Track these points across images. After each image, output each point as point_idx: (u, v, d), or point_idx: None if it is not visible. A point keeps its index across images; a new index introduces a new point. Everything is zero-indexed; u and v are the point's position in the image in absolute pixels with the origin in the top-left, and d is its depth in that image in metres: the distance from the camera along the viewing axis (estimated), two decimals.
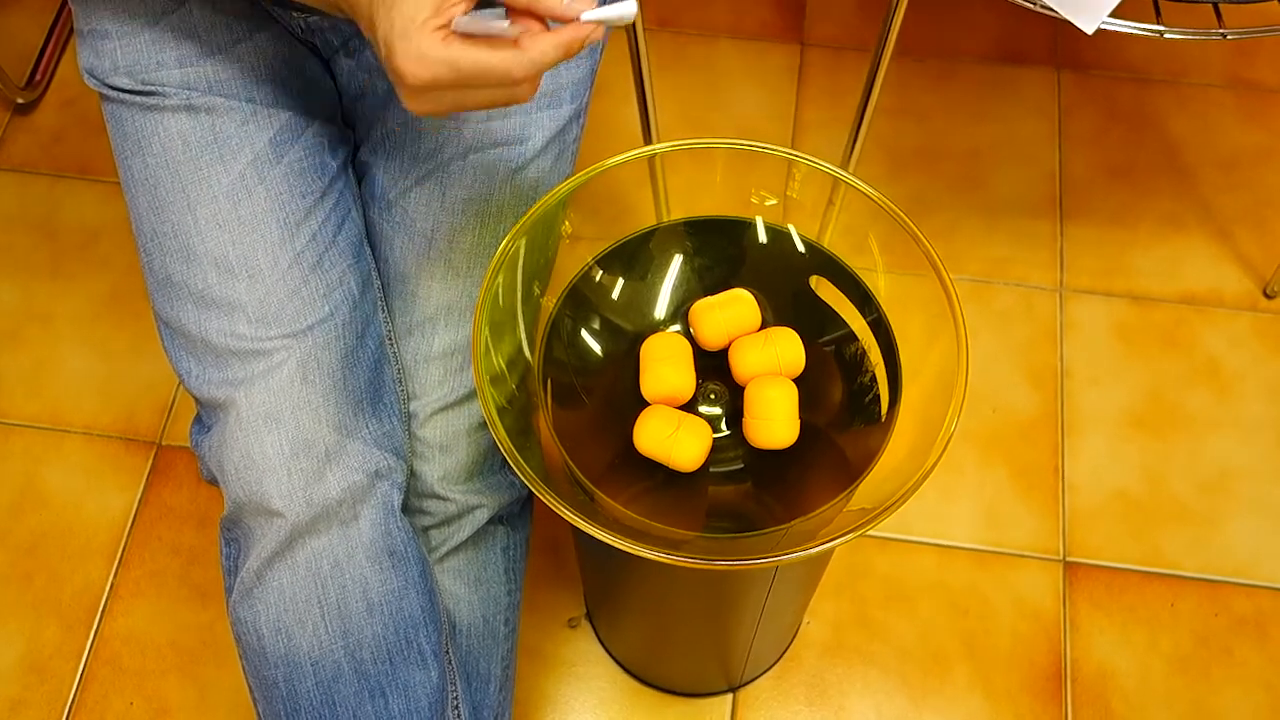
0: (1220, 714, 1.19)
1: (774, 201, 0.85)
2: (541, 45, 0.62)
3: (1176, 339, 1.41)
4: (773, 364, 0.77)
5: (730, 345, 0.79)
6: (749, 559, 0.71)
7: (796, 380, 0.78)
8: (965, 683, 1.21)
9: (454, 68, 0.62)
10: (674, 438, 0.74)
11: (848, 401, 0.80)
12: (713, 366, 0.80)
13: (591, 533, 0.68)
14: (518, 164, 0.88)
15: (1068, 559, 1.27)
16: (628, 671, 1.21)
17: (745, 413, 0.76)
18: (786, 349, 0.78)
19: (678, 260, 0.86)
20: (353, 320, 0.85)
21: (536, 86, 0.65)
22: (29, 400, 1.38)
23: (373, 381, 0.86)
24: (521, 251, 0.81)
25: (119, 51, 0.85)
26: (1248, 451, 1.33)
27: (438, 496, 0.89)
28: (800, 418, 0.76)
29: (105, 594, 1.26)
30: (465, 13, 0.63)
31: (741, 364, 0.78)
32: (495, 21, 0.63)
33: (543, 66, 0.63)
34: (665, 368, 0.77)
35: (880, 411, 0.79)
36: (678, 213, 0.87)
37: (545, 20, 0.64)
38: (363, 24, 0.66)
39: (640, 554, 0.67)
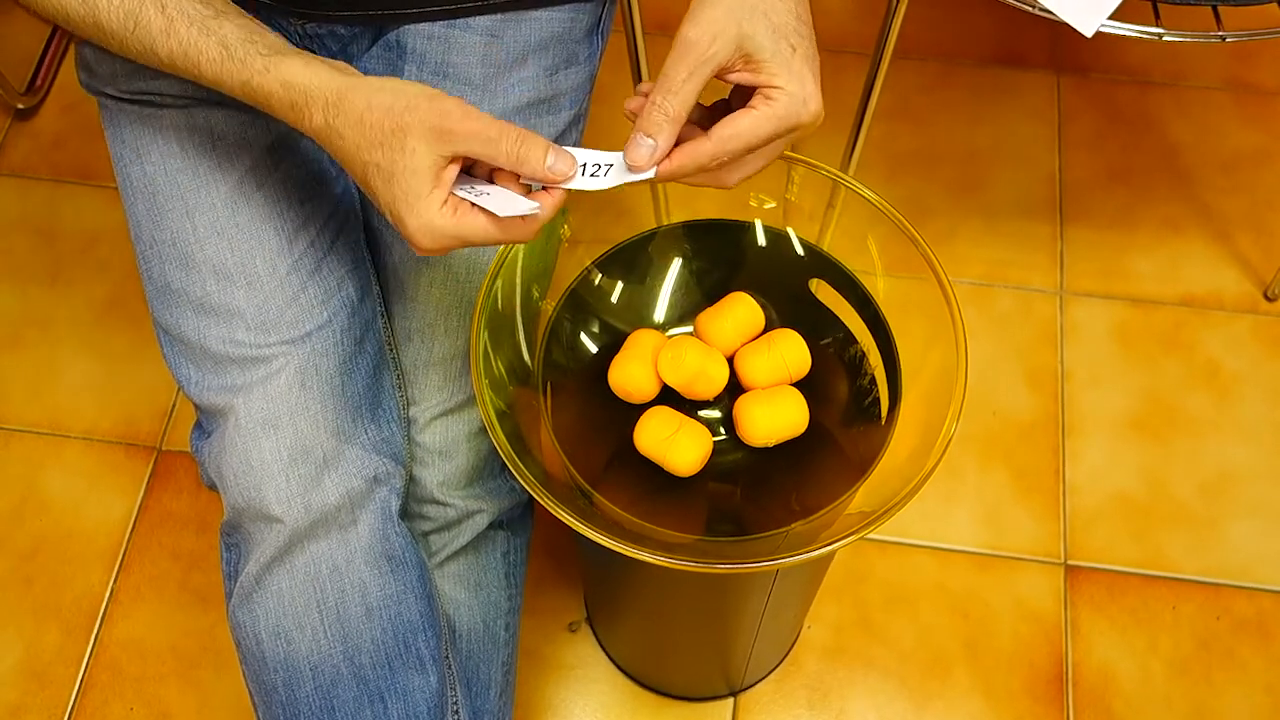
0: (1221, 717, 1.19)
1: (773, 204, 0.85)
2: (544, 213, 0.66)
3: (1177, 341, 1.41)
4: (779, 367, 0.77)
5: (734, 356, 0.78)
6: (749, 562, 0.71)
7: (798, 383, 0.77)
8: (966, 686, 1.21)
9: (464, 240, 0.66)
10: (672, 440, 0.73)
11: (847, 404, 0.80)
12: None
13: (591, 536, 0.67)
14: None
15: (1068, 562, 1.27)
16: (628, 676, 1.21)
17: (737, 418, 0.76)
18: (790, 352, 0.77)
19: (677, 263, 0.85)
20: (351, 326, 0.85)
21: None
22: (29, 405, 1.38)
23: (371, 387, 0.86)
24: (520, 255, 0.81)
25: (117, 59, 0.84)
26: (1248, 454, 1.33)
27: (437, 502, 0.89)
28: None
29: (105, 599, 1.26)
30: (456, 176, 0.65)
31: (749, 372, 0.77)
32: (523, 202, 0.65)
33: (539, 229, 0.67)
34: (634, 364, 0.76)
35: (880, 414, 0.79)
36: (677, 216, 0.87)
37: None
38: (355, 177, 0.68)
39: (640, 558, 0.67)
